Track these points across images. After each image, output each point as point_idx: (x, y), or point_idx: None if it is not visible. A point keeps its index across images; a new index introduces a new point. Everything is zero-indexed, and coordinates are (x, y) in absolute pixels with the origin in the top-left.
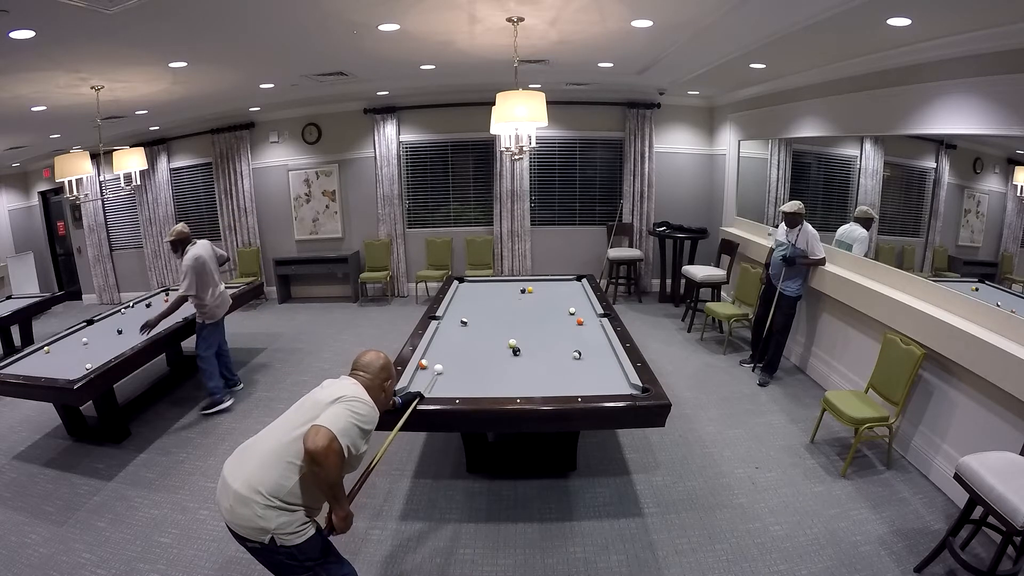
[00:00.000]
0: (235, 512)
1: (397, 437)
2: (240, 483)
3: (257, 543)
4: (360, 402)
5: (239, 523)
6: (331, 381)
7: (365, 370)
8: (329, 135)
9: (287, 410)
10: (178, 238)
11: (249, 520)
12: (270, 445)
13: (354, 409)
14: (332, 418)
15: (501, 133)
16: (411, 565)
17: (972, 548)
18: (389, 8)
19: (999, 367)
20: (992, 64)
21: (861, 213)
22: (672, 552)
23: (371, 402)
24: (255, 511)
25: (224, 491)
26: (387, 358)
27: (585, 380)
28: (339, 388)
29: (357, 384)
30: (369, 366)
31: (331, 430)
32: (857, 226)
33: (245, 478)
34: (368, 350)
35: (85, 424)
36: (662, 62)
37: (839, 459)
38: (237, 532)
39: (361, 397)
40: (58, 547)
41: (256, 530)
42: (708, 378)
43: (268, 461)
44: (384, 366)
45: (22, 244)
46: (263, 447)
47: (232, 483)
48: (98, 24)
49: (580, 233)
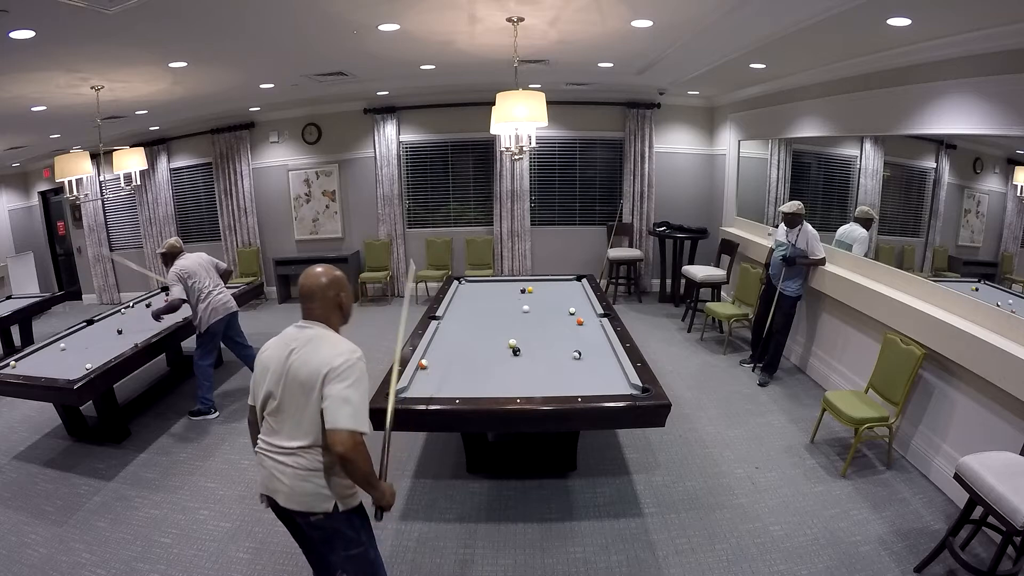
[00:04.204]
0: (295, 490)
1: (396, 437)
2: (292, 461)
3: (321, 513)
4: (346, 364)
5: (301, 498)
6: (293, 336)
7: (318, 302)
8: (329, 135)
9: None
10: (168, 252)
11: (314, 491)
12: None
13: (347, 376)
14: (345, 410)
15: (501, 133)
16: (411, 565)
17: (972, 548)
18: (389, 8)
19: (999, 367)
20: (992, 64)
21: (861, 213)
22: (672, 552)
23: (346, 350)
24: (318, 482)
25: (274, 476)
26: (329, 272)
27: (585, 380)
28: (315, 355)
29: (324, 333)
30: (316, 294)
31: (351, 429)
32: (857, 226)
33: (294, 458)
34: (309, 272)
35: (85, 424)
36: (662, 62)
37: (839, 459)
38: (299, 510)
39: (337, 359)
40: (58, 547)
41: (322, 498)
42: (708, 378)
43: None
44: (330, 284)
45: (22, 244)
46: (291, 428)
47: (282, 463)
48: (98, 24)
49: (580, 233)
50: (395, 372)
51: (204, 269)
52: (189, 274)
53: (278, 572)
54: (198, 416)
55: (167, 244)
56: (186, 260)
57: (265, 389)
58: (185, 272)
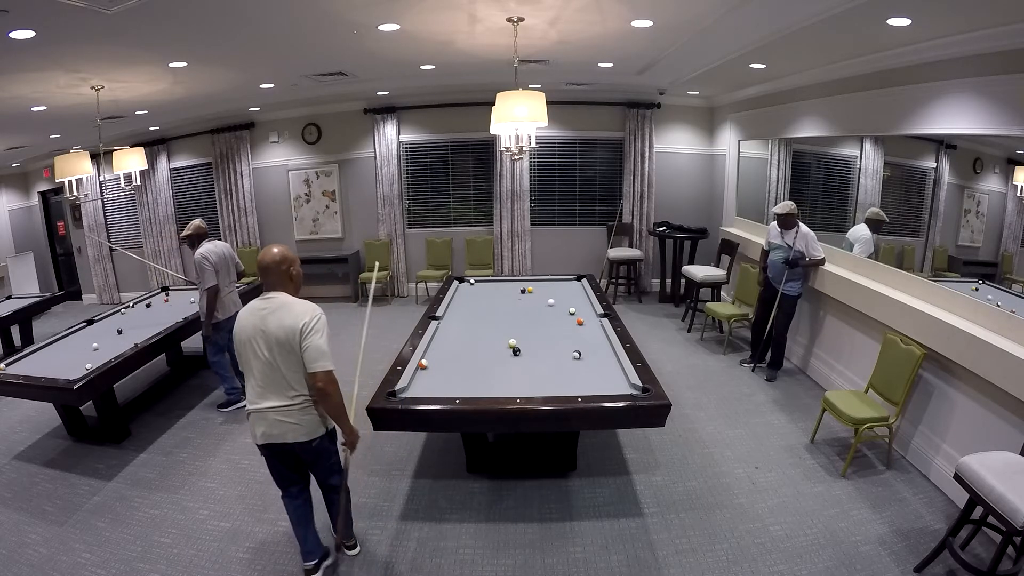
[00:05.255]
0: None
1: (396, 437)
2: (291, 401)
3: (317, 438)
4: (313, 320)
5: (307, 428)
6: (262, 306)
7: (273, 275)
8: (329, 135)
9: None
10: (195, 233)
11: (314, 420)
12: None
13: (316, 329)
14: (320, 355)
15: (501, 133)
16: (411, 565)
17: (972, 548)
18: (389, 8)
19: (999, 367)
20: (992, 64)
21: (872, 215)
22: (672, 552)
23: (309, 310)
24: (315, 412)
25: (280, 421)
26: (282, 250)
27: (585, 380)
28: (287, 317)
29: (288, 299)
30: (271, 268)
31: (327, 368)
32: (863, 226)
33: (296, 403)
34: (265, 251)
35: (85, 424)
36: (662, 62)
37: (839, 459)
38: (305, 440)
39: (305, 317)
40: (58, 547)
41: (318, 424)
42: (708, 378)
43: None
44: (280, 260)
45: (22, 244)
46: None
47: (288, 404)
48: (98, 24)
49: (580, 233)
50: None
51: (225, 264)
52: (213, 262)
53: (278, 572)
54: (229, 407)
55: (193, 225)
56: (213, 246)
57: (247, 356)
58: (211, 257)
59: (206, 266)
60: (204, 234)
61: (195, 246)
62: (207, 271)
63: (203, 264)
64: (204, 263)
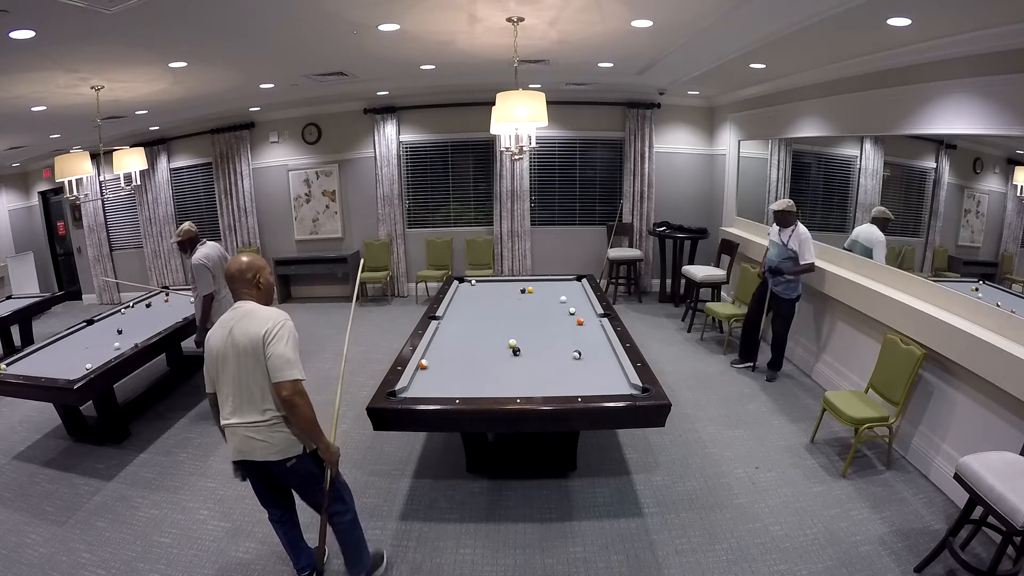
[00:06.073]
0: (271, 441)
1: (396, 437)
2: (262, 417)
3: (294, 457)
4: (276, 327)
5: (278, 447)
6: (229, 317)
7: (238, 283)
8: (329, 135)
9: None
10: (186, 237)
11: (286, 439)
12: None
13: (279, 337)
14: (283, 364)
15: (501, 133)
16: (411, 565)
17: (972, 548)
18: (389, 8)
19: (999, 367)
20: (992, 64)
21: (878, 213)
22: (672, 552)
23: (272, 316)
24: (287, 430)
25: (248, 438)
26: (251, 259)
27: (585, 380)
28: (251, 325)
29: (253, 307)
30: (236, 277)
31: (293, 378)
32: (875, 228)
33: (265, 420)
34: (233, 259)
35: (85, 424)
36: (662, 62)
37: (839, 459)
38: (277, 459)
39: (267, 324)
40: (58, 547)
41: (292, 443)
42: (708, 378)
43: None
44: (245, 268)
45: (22, 244)
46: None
47: (255, 421)
48: (98, 24)
49: (580, 233)
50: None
51: (219, 269)
52: (211, 265)
53: (278, 572)
54: None
55: (183, 230)
56: (209, 250)
57: (217, 371)
58: (209, 261)
59: (205, 273)
60: (196, 237)
61: (187, 250)
62: (205, 277)
63: (202, 270)
64: (203, 269)
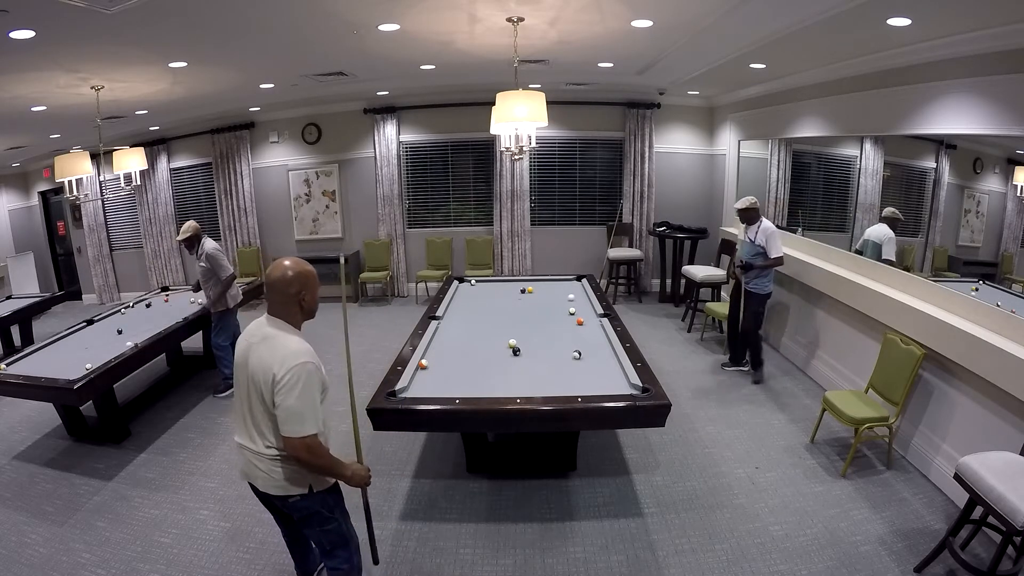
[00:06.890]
0: (271, 476)
1: (396, 437)
2: (264, 450)
3: (297, 495)
4: (289, 375)
5: (277, 483)
6: (254, 331)
7: (278, 295)
8: (329, 135)
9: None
10: (194, 234)
11: (289, 476)
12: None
13: (290, 387)
14: (291, 419)
15: (501, 133)
16: (411, 565)
17: (972, 548)
18: (389, 8)
19: (999, 367)
20: (992, 64)
21: (890, 213)
22: (672, 552)
23: (291, 356)
24: (291, 467)
25: (252, 463)
26: (296, 267)
27: (585, 380)
28: (268, 356)
29: (278, 333)
30: (276, 288)
31: (301, 436)
32: (885, 226)
33: (267, 452)
34: (276, 264)
35: (85, 424)
36: (662, 62)
37: (839, 459)
38: (279, 493)
39: (282, 369)
40: (58, 547)
41: (296, 481)
42: (708, 378)
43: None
44: (293, 279)
45: (22, 244)
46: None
47: (258, 451)
48: (98, 24)
49: (580, 233)
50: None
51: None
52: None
53: (278, 572)
54: (225, 392)
55: (190, 227)
56: (213, 242)
57: (236, 379)
58: (221, 250)
59: (223, 258)
60: (201, 233)
61: (194, 247)
62: (224, 263)
63: (219, 256)
64: (221, 255)
